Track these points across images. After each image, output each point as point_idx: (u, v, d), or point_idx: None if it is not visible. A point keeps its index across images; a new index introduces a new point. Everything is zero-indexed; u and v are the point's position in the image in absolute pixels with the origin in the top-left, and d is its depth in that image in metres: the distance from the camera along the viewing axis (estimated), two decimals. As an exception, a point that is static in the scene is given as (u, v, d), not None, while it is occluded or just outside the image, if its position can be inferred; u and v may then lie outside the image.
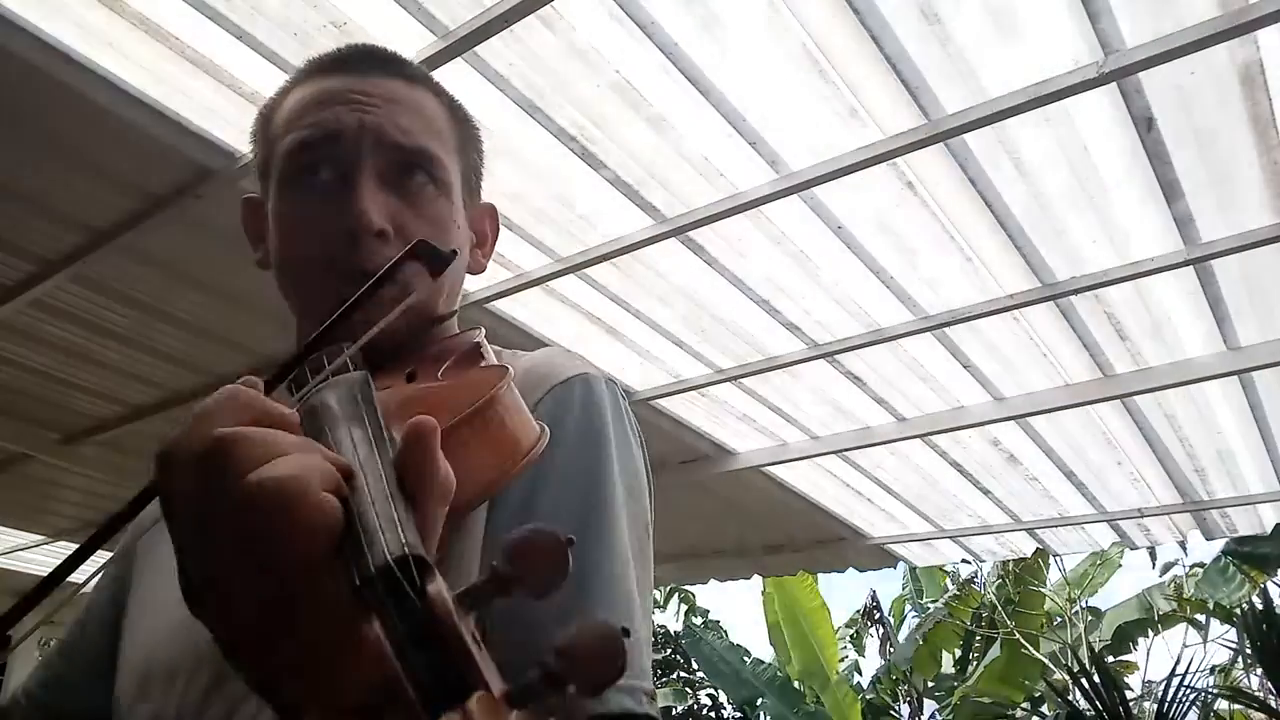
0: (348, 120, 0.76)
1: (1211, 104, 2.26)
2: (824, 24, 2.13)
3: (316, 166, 0.76)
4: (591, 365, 0.77)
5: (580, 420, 0.71)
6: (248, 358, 3.42)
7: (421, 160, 0.78)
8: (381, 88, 0.78)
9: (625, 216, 2.71)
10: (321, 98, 0.78)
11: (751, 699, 9.21)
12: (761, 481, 4.20)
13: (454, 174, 0.82)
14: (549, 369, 0.75)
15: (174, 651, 0.72)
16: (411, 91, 0.81)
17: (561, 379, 0.73)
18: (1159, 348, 3.19)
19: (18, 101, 2.30)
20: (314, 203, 0.76)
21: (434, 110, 0.82)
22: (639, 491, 0.73)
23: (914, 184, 2.55)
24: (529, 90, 2.31)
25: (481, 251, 0.90)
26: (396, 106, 0.78)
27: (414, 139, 0.78)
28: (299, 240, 0.78)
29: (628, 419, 0.76)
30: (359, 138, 0.76)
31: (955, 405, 3.62)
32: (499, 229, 0.93)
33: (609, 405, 0.73)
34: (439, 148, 0.80)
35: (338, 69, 0.80)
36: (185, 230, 2.66)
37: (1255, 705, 5.86)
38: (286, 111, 0.80)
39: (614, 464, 0.70)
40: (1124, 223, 2.62)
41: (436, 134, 0.80)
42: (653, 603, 0.75)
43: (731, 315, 3.17)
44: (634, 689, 0.61)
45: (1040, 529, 4.62)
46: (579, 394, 0.72)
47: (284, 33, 2.18)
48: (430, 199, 0.78)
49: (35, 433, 4.06)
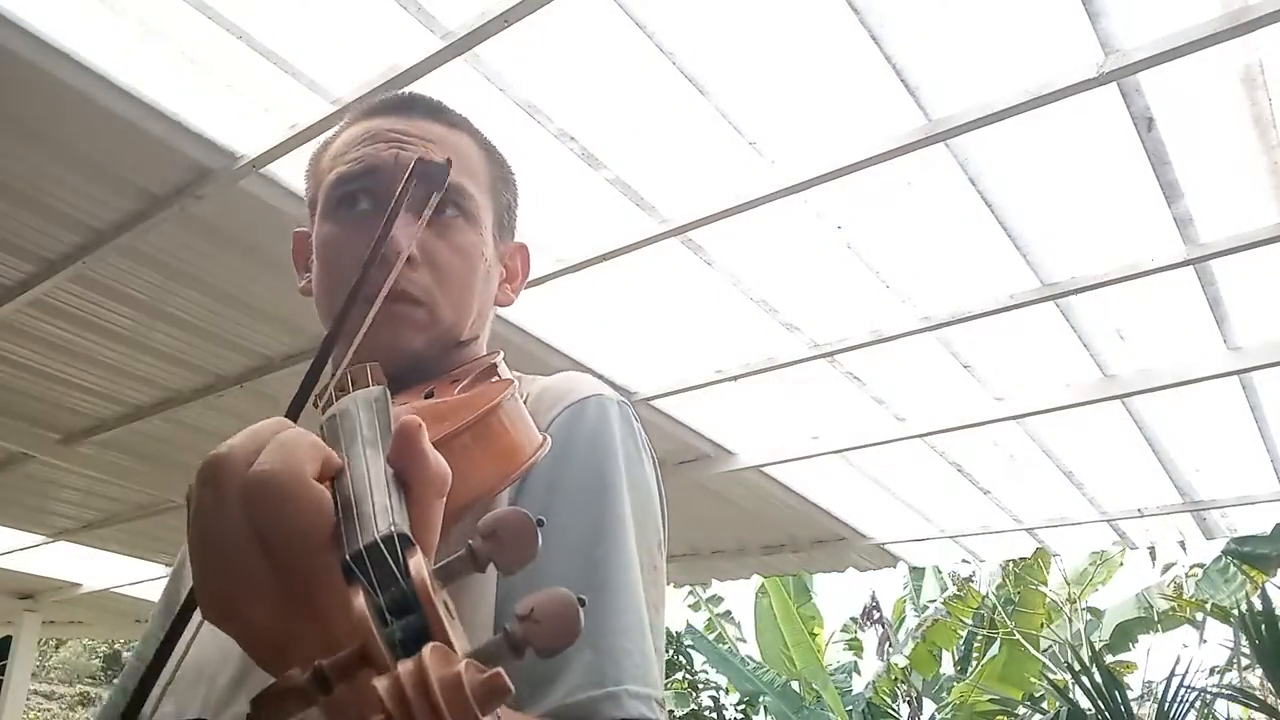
0: (385, 155, 0.81)
1: (1211, 104, 2.26)
2: (824, 24, 2.13)
3: (355, 198, 0.82)
4: (607, 388, 0.80)
5: (592, 437, 0.74)
6: (247, 358, 3.43)
7: (452, 194, 0.82)
8: (421, 128, 0.84)
9: (625, 216, 2.71)
10: (364, 136, 0.84)
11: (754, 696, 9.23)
12: (761, 481, 4.20)
13: (485, 210, 0.87)
14: (565, 389, 0.79)
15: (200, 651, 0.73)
16: (449, 134, 0.86)
17: (576, 399, 0.77)
18: (1158, 348, 3.19)
19: (18, 101, 2.30)
20: (351, 231, 0.81)
21: (469, 151, 0.87)
22: (649, 506, 0.75)
23: (914, 184, 2.56)
24: (529, 90, 2.31)
25: (511, 286, 0.96)
26: (433, 144, 0.83)
27: None
28: (335, 266, 0.83)
29: (639, 438, 0.79)
30: (395, 171, 0.80)
31: (955, 405, 3.62)
32: (529, 266, 0.98)
33: (619, 424, 0.76)
34: (470, 184, 0.85)
35: (384, 112, 0.86)
36: (185, 230, 2.67)
37: (1255, 705, 5.86)
38: (334, 150, 0.87)
39: (623, 478, 0.72)
40: (1124, 223, 2.62)
41: (470, 172, 0.86)
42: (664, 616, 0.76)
43: (731, 315, 3.17)
44: (648, 697, 0.63)
45: (1040, 529, 4.62)
46: (592, 412, 0.76)
47: (284, 32, 2.18)
48: (459, 230, 0.83)
49: (35, 433, 4.06)
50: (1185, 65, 2.09)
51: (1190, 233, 2.60)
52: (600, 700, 0.61)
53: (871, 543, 4.82)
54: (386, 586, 0.38)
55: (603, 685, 0.61)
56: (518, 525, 0.40)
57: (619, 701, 0.61)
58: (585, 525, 0.68)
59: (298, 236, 0.92)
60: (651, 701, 0.63)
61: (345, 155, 0.83)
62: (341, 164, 0.83)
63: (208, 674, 0.72)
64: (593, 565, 0.66)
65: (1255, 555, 7.06)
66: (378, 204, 0.80)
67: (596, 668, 0.62)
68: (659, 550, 0.75)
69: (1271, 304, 2.92)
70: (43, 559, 6.12)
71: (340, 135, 0.88)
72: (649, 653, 0.65)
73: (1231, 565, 8.05)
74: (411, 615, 0.36)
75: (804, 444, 3.93)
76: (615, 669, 0.62)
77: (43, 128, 2.39)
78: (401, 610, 0.37)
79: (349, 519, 0.42)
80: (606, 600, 0.65)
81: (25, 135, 2.42)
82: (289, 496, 0.43)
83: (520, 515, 0.40)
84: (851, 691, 9.82)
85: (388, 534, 0.40)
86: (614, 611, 0.65)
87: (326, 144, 0.89)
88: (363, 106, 0.89)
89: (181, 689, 0.74)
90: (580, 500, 0.70)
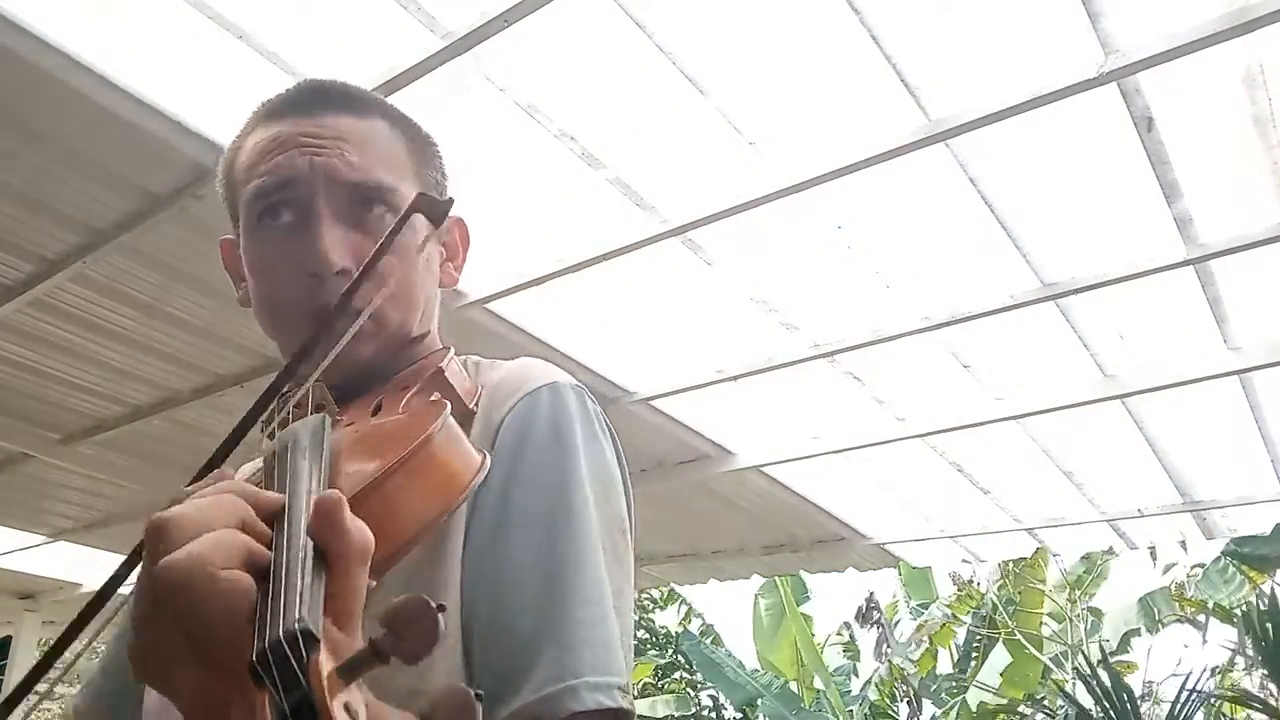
0: (300, 164, 0.79)
1: (1211, 104, 2.26)
2: (823, 24, 2.13)
3: (277, 210, 0.80)
4: (562, 374, 0.80)
5: (547, 426, 0.74)
6: (247, 358, 3.43)
7: (376, 193, 0.80)
8: (330, 126, 0.81)
9: (625, 216, 2.71)
10: (273, 143, 0.81)
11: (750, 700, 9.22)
12: (761, 481, 4.20)
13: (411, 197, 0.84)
14: (520, 380, 0.78)
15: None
16: (361, 124, 0.83)
17: (531, 388, 0.76)
18: (1158, 348, 3.19)
19: (18, 101, 2.30)
20: (278, 247, 0.80)
21: (386, 138, 0.84)
22: (612, 491, 0.75)
23: (914, 184, 2.55)
24: (529, 90, 2.31)
25: (454, 264, 0.93)
26: (345, 143, 0.80)
27: (366, 173, 0.80)
28: (269, 284, 0.82)
29: (598, 422, 0.78)
30: (312, 180, 0.79)
31: (955, 405, 3.62)
32: (469, 238, 0.95)
33: (575, 410, 0.76)
34: (393, 176, 0.82)
35: (288, 111, 0.83)
36: (185, 230, 2.67)
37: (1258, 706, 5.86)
38: (245, 157, 0.84)
39: (581, 464, 0.73)
40: (1124, 223, 2.62)
41: (390, 162, 0.83)
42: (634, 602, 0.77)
43: (731, 315, 3.17)
44: (608, 686, 0.64)
45: (1040, 529, 4.62)
46: (546, 401, 0.75)
47: (284, 32, 2.18)
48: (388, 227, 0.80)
49: (35, 433, 4.05)
50: (1185, 65, 2.09)
51: (1190, 233, 2.60)
52: (560, 694, 0.62)
53: (871, 543, 4.82)
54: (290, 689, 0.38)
55: (562, 679, 0.63)
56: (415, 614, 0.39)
57: (577, 694, 0.62)
58: (544, 518, 0.69)
59: (225, 245, 0.91)
60: (613, 690, 0.64)
61: (257, 167, 0.81)
62: (256, 176, 0.81)
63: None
64: (554, 558, 0.67)
65: (1255, 556, 7.06)
66: (300, 214, 0.79)
67: (558, 662, 0.63)
68: (623, 532, 0.75)
69: (1271, 304, 2.92)
70: (43, 559, 6.11)
71: (246, 141, 0.84)
72: (611, 640, 0.66)
73: (1231, 566, 8.05)
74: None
75: (804, 444, 3.93)
76: (575, 661, 0.63)
77: (43, 128, 2.39)
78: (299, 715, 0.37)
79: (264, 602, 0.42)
80: (567, 593, 0.66)
81: (25, 135, 2.42)
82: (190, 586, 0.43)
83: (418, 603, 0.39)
84: (851, 693, 9.82)
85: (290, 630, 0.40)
86: (574, 604, 0.66)
87: (236, 149, 0.86)
88: (263, 108, 0.85)
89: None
90: (538, 493, 0.70)
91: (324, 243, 0.77)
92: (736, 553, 5.12)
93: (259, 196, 0.80)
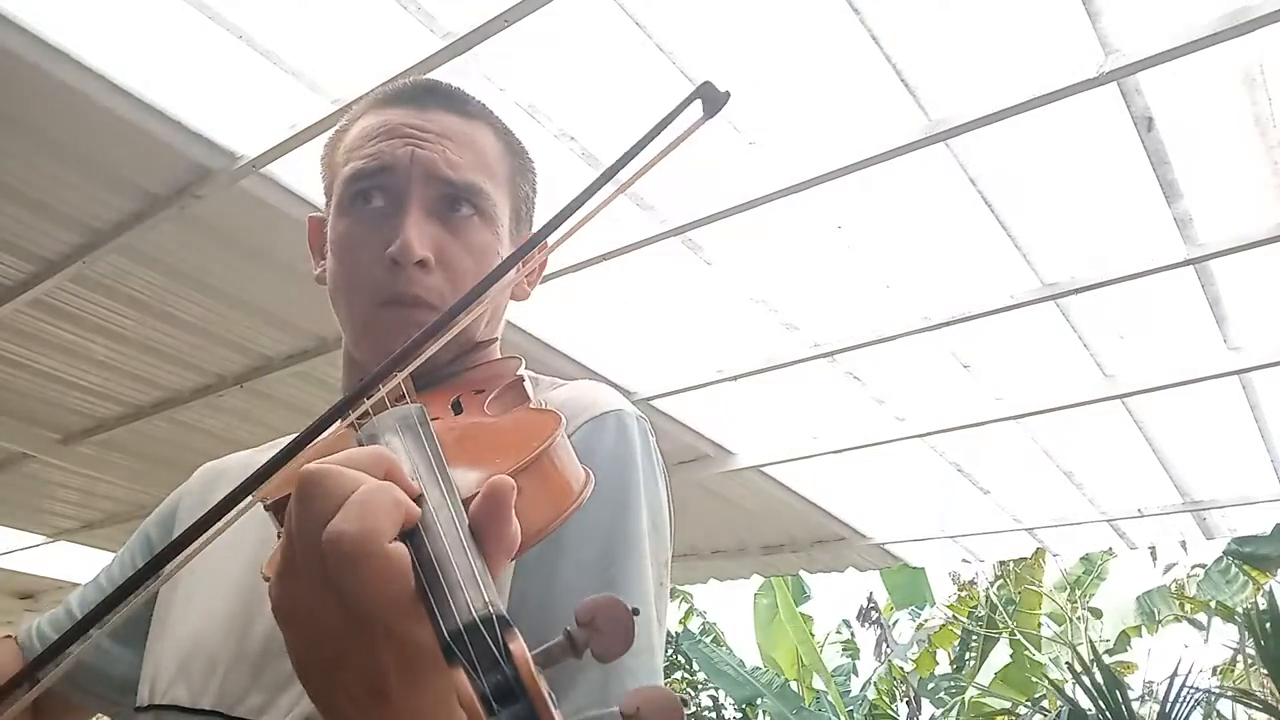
0: (401, 153, 0.80)
1: (1211, 104, 2.26)
2: (824, 24, 2.14)
3: (370, 195, 0.81)
4: (628, 403, 0.80)
5: (612, 453, 0.74)
6: (247, 358, 3.43)
7: (468, 194, 0.82)
8: (437, 122, 0.83)
9: (625, 216, 2.71)
10: (380, 129, 0.82)
11: (751, 700, 9.22)
12: (761, 481, 4.20)
13: (501, 206, 0.86)
14: (586, 401, 0.79)
15: (218, 643, 0.75)
16: (466, 126, 0.85)
17: (597, 413, 0.77)
18: (1158, 348, 3.19)
19: (18, 101, 2.30)
20: (365, 229, 0.81)
21: (487, 144, 0.87)
22: (661, 527, 0.76)
23: (914, 184, 2.56)
24: (529, 90, 2.31)
25: (528, 280, 0.94)
26: (449, 141, 0.82)
27: (462, 173, 0.82)
28: (348, 263, 0.82)
29: (654, 456, 0.79)
30: (410, 170, 0.80)
31: (955, 405, 3.62)
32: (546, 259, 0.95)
33: (639, 441, 0.77)
34: (487, 181, 0.84)
35: (400, 101, 0.85)
36: (185, 230, 2.66)
37: (1258, 705, 5.86)
38: (350, 140, 0.85)
39: (641, 497, 0.73)
40: (1124, 223, 2.62)
41: (486, 168, 0.85)
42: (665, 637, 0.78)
43: (731, 315, 3.17)
44: None
45: (1040, 529, 4.62)
46: (612, 428, 0.76)
47: (284, 32, 2.18)
48: (474, 230, 0.82)
49: (35, 433, 4.06)
50: (1185, 65, 2.09)
51: (1190, 233, 2.60)
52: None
53: (871, 543, 4.82)
54: (488, 670, 0.38)
55: (605, 704, 0.62)
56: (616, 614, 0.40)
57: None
58: (602, 543, 0.69)
59: (313, 222, 0.92)
60: None
61: (360, 149, 0.82)
62: (357, 158, 0.82)
63: (223, 665, 0.73)
64: (608, 584, 0.68)
65: (1256, 555, 7.06)
66: (391, 201, 0.80)
67: (601, 686, 0.63)
68: (666, 567, 0.76)
69: (1271, 304, 2.92)
70: (43, 559, 6.11)
71: (356, 124, 0.86)
72: (656, 670, 0.67)
73: (1233, 566, 8.05)
74: (516, 705, 0.36)
75: (804, 444, 3.93)
76: (617, 687, 0.63)
77: (43, 128, 2.39)
78: (504, 697, 0.37)
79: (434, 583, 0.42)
80: None
81: (26, 135, 2.42)
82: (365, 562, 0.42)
83: (618, 604, 0.40)
84: (851, 693, 9.82)
85: (486, 614, 0.40)
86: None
87: (342, 131, 0.88)
88: (378, 94, 0.87)
89: (195, 675, 0.75)
90: (598, 518, 0.70)
91: (409, 231, 0.77)
92: (736, 553, 5.12)
93: (357, 178, 0.81)
